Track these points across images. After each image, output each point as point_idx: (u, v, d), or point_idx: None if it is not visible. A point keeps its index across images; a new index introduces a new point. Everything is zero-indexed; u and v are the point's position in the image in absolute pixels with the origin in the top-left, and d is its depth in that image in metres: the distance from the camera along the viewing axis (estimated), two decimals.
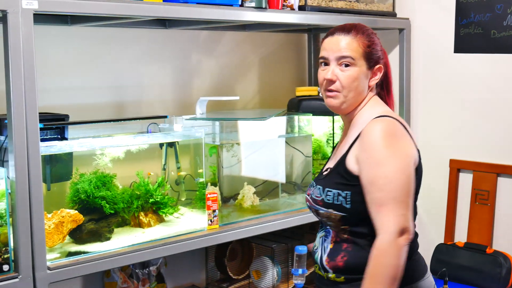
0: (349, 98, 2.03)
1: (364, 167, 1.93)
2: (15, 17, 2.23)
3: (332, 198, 1.98)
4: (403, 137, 1.96)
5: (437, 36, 3.73)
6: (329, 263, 2.03)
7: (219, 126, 3.16)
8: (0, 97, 2.37)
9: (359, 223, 1.97)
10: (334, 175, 2.02)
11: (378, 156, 1.90)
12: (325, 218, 2.03)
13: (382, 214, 1.88)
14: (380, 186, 1.88)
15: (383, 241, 1.88)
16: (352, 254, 1.99)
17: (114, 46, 3.28)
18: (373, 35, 2.08)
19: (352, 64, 2.01)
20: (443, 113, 3.73)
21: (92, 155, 2.83)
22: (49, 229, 2.57)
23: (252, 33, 3.80)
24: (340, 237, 2.03)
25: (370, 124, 1.96)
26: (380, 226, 1.89)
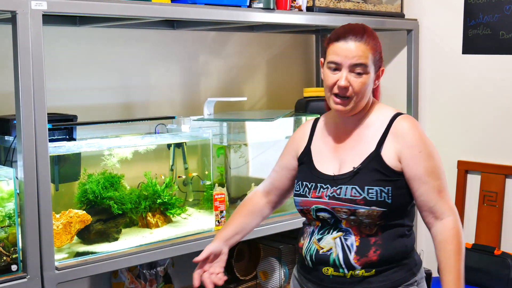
0: (358, 102, 2.05)
1: (416, 161, 2.02)
2: (24, 18, 2.24)
3: (375, 196, 2.00)
4: None
5: (445, 37, 3.72)
6: (360, 260, 2.01)
7: (226, 127, 3.17)
8: (9, 98, 2.38)
9: (396, 216, 2.04)
10: (369, 172, 2.03)
11: (427, 149, 2.03)
12: (364, 216, 2.00)
13: (444, 199, 2.05)
14: (437, 175, 2.03)
15: (456, 220, 2.04)
16: (384, 247, 2.02)
17: (122, 47, 3.29)
18: (377, 38, 2.10)
19: (365, 72, 2.01)
20: (451, 114, 3.72)
21: (100, 156, 2.83)
22: (57, 229, 2.58)
23: (260, 34, 3.80)
24: (365, 233, 2.03)
25: (401, 122, 2.06)
26: (446, 209, 2.04)
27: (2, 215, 2.38)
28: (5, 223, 2.39)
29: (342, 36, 2.04)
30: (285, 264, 3.52)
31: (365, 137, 2.08)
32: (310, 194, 2.10)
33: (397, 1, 3.76)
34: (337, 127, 2.15)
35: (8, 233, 2.39)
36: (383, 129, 2.06)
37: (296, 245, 2.31)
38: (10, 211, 2.38)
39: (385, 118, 2.07)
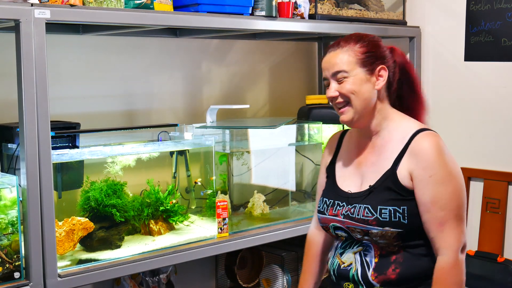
0: (358, 108, 2.00)
1: (424, 185, 1.92)
2: (28, 26, 2.25)
3: (388, 216, 1.93)
4: (448, 151, 1.98)
5: (448, 44, 3.72)
6: (377, 278, 1.97)
7: (229, 134, 3.17)
8: (12, 106, 2.39)
9: (414, 236, 1.96)
10: (383, 191, 1.97)
11: (438, 175, 1.91)
12: (378, 237, 1.96)
13: (445, 233, 1.91)
14: (442, 206, 1.91)
15: (449, 261, 1.91)
16: (405, 265, 1.96)
17: (125, 54, 3.30)
18: (371, 39, 2.05)
19: (346, 76, 1.99)
20: (453, 121, 3.72)
21: (103, 163, 2.84)
22: (60, 236, 2.58)
23: (262, 42, 3.81)
24: (386, 250, 1.98)
25: (420, 139, 1.96)
26: (444, 245, 1.92)
27: (5, 223, 2.38)
28: (8, 231, 2.39)
29: (326, 52, 2.08)
30: (288, 271, 3.52)
31: (385, 152, 2.01)
32: (328, 212, 2.08)
33: (399, 9, 3.77)
34: (360, 140, 2.11)
35: (11, 240, 2.40)
36: (402, 145, 1.98)
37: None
38: (13, 218, 2.39)
39: (407, 133, 1.99)
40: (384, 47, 2.07)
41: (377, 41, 2.07)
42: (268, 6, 2.96)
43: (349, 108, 2.01)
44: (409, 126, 2.01)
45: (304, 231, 3.19)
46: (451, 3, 3.68)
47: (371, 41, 2.04)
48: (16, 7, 2.22)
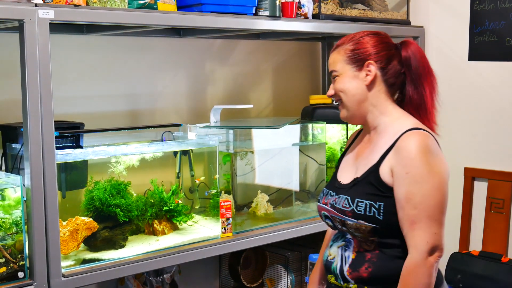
0: (348, 105, 2.03)
1: (401, 182, 1.90)
2: (32, 26, 2.25)
3: (363, 209, 1.94)
4: (438, 152, 1.95)
5: (452, 44, 3.72)
6: (352, 274, 1.99)
7: (233, 134, 3.17)
8: (17, 105, 2.40)
9: (390, 234, 1.95)
10: (364, 185, 1.98)
11: (415, 172, 1.88)
12: (353, 229, 1.98)
13: (415, 232, 1.89)
14: (415, 204, 1.88)
15: (415, 260, 1.88)
16: (378, 265, 1.96)
17: (128, 54, 3.30)
18: (362, 38, 2.05)
19: (337, 75, 2.04)
20: (458, 121, 3.71)
21: (106, 163, 2.84)
22: (64, 236, 2.59)
23: (266, 42, 3.81)
24: (363, 247, 1.99)
25: (407, 137, 1.93)
26: (412, 244, 1.89)
27: (9, 222, 2.39)
28: (12, 230, 2.40)
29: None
30: (292, 271, 3.52)
31: (377, 147, 2.01)
32: (321, 200, 2.12)
33: (403, 8, 3.76)
34: (364, 135, 2.13)
35: (15, 240, 2.40)
36: (391, 142, 1.96)
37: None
38: (17, 218, 2.39)
39: (399, 131, 1.97)
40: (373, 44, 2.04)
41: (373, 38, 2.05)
42: (272, 6, 2.97)
43: (343, 105, 2.06)
44: (403, 124, 1.99)
45: (308, 231, 3.20)
46: (455, 3, 3.68)
47: (363, 37, 2.05)
48: (20, 7, 2.23)
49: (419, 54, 2.06)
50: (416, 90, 2.04)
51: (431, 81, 2.07)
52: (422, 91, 2.04)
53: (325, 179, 3.39)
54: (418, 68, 2.04)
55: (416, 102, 2.04)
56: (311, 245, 3.66)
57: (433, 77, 2.08)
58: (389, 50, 2.04)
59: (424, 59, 2.06)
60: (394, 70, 2.03)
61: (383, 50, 2.03)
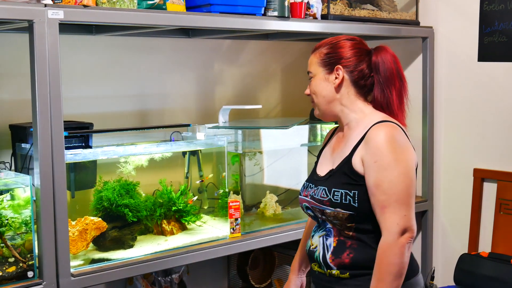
0: (320, 103, 2.19)
1: (370, 171, 2.03)
2: (41, 27, 2.26)
3: (339, 198, 2.07)
4: (405, 142, 2.07)
5: (461, 45, 3.70)
6: (334, 261, 2.10)
7: (241, 135, 3.17)
8: (26, 106, 2.41)
9: (366, 220, 2.07)
10: (339, 175, 2.10)
11: (383, 161, 2.01)
12: (332, 217, 2.10)
13: (386, 215, 2.01)
14: (384, 190, 2.00)
15: (387, 241, 2.00)
16: (358, 251, 2.08)
17: (137, 55, 3.31)
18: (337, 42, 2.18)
19: (312, 77, 2.21)
20: (467, 122, 3.70)
21: (115, 163, 2.85)
22: (73, 236, 2.60)
23: (274, 42, 3.81)
24: (343, 235, 2.11)
25: (375, 129, 2.06)
26: (384, 227, 2.02)
27: (19, 222, 2.40)
28: (22, 230, 2.41)
29: None
30: None
31: (349, 140, 2.14)
32: (302, 193, 2.25)
33: (412, 9, 3.75)
34: (339, 131, 2.26)
35: (24, 239, 2.41)
36: (362, 134, 2.09)
37: None
38: (26, 218, 2.40)
39: (369, 124, 2.09)
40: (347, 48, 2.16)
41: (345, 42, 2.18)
42: (281, 6, 2.97)
43: (315, 104, 2.22)
44: (372, 118, 2.11)
45: None
46: (464, 3, 3.67)
47: (337, 43, 2.18)
48: (29, 8, 2.24)
49: (389, 60, 2.16)
50: (383, 93, 2.15)
51: (400, 85, 2.17)
52: (388, 94, 2.15)
53: None
54: (386, 72, 2.14)
55: (382, 104, 2.16)
56: None
57: (403, 81, 2.18)
58: (360, 56, 2.16)
59: (394, 65, 2.16)
60: (362, 73, 2.15)
61: (354, 56, 2.15)
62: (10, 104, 2.89)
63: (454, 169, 3.76)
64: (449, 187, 3.79)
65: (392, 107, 2.15)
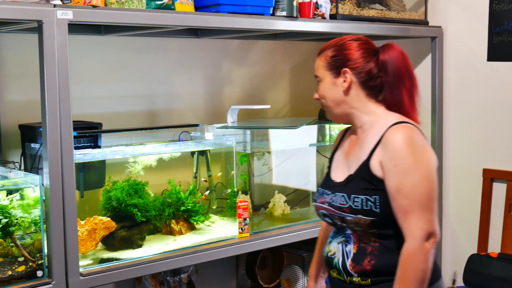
0: (330, 107, 2.15)
1: (390, 175, 1.97)
2: (50, 27, 2.27)
3: (360, 204, 2.01)
4: (424, 144, 2.01)
5: (470, 44, 3.69)
6: (355, 268, 2.04)
7: (250, 135, 3.17)
8: (35, 106, 2.42)
9: (387, 225, 2.00)
10: (358, 181, 2.04)
11: (403, 164, 1.95)
12: (353, 224, 2.04)
13: (409, 221, 1.94)
14: (406, 194, 1.94)
15: (411, 247, 1.94)
16: (379, 258, 2.02)
17: (146, 55, 3.32)
18: (343, 44, 2.13)
19: (319, 81, 2.16)
20: (476, 122, 3.69)
21: (124, 163, 2.86)
22: (82, 235, 2.60)
23: (283, 42, 3.81)
24: (363, 241, 2.05)
25: (392, 131, 2.00)
26: (407, 232, 1.95)
27: (28, 222, 2.40)
28: (31, 229, 2.42)
29: None
30: None
31: (365, 144, 2.08)
32: (318, 200, 2.19)
33: (421, 8, 3.74)
34: (352, 134, 2.20)
35: (34, 239, 2.42)
36: (378, 137, 2.03)
37: None
38: (36, 217, 2.41)
39: (384, 126, 2.03)
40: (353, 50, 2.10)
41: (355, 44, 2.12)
42: (289, 6, 2.96)
43: (325, 109, 2.18)
44: (388, 120, 2.05)
45: None
46: (473, 2, 3.65)
47: (342, 44, 2.13)
48: (39, 8, 2.25)
49: (397, 58, 2.10)
50: (393, 94, 2.09)
51: (410, 84, 2.11)
52: (398, 94, 2.09)
53: None
54: (395, 71, 2.08)
55: (393, 104, 2.10)
56: None
57: (412, 80, 2.12)
58: (367, 56, 2.09)
59: (403, 63, 2.10)
60: (371, 74, 2.09)
61: (361, 56, 2.09)
62: (19, 104, 2.91)
63: (463, 169, 3.74)
64: (458, 187, 3.77)
65: (404, 107, 2.09)
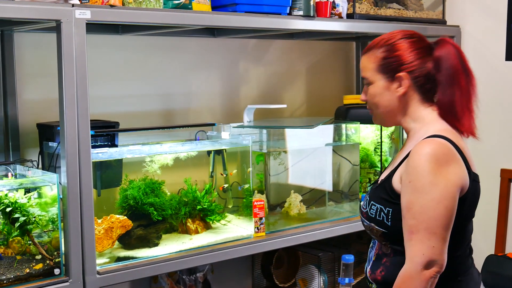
0: (380, 113, 2.01)
1: (404, 190, 1.85)
2: (69, 26, 2.28)
3: (374, 213, 1.94)
4: (451, 162, 1.84)
5: (488, 44, 3.67)
6: (371, 275, 2.01)
7: (266, 134, 3.17)
8: (53, 105, 2.43)
9: (399, 241, 1.90)
10: (380, 189, 1.96)
11: (417, 181, 1.81)
12: (369, 231, 2.01)
13: (412, 242, 1.83)
14: (414, 214, 1.81)
15: (409, 270, 1.83)
16: (390, 270, 1.95)
17: (163, 54, 3.32)
18: (395, 43, 1.95)
19: (369, 83, 1.99)
20: (494, 122, 3.66)
21: (141, 162, 2.87)
22: (99, 234, 2.62)
23: (300, 41, 3.81)
24: (382, 251, 1.99)
25: (420, 145, 1.86)
26: (408, 254, 1.84)
27: (46, 220, 2.42)
28: (49, 228, 2.43)
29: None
30: (325, 272, 3.51)
31: (402, 153, 1.98)
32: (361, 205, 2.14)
33: (438, 8, 3.72)
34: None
35: (51, 237, 2.44)
36: (411, 148, 1.90)
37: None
38: (53, 215, 2.43)
39: (421, 137, 1.90)
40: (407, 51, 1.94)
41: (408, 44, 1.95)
42: (306, 5, 2.96)
43: (373, 112, 2.04)
44: (428, 130, 1.91)
45: (341, 232, 3.19)
46: (491, 1, 3.63)
47: (393, 45, 1.95)
48: (57, 8, 2.26)
49: (453, 54, 1.93)
50: (445, 94, 1.93)
51: (467, 83, 1.94)
52: (450, 94, 1.92)
53: (358, 179, 3.37)
54: (449, 69, 1.92)
55: (445, 106, 1.94)
56: (344, 245, 3.65)
57: (470, 78, 1.95)
58: (422, 56, 1.94)
59: (459, 60, 1.93)
60: (428, 76, 1.93)
61: (416, 58, 1.93)
62: (37, 104, 2.93)
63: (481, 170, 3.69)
64: None
65: (455, 110, 1.92)
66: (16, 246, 2.41)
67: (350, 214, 3.28)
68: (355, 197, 3.35)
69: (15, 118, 2.83)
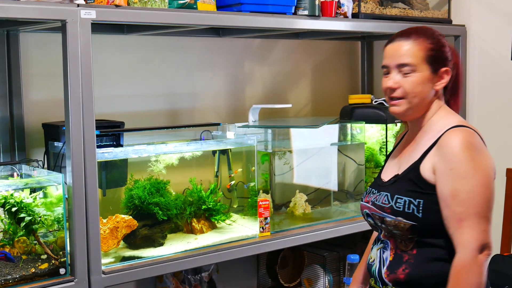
0: (414, 104, 1.98)
1: (445, 179, 1.87)
2: (74, 26, 2.28)
3: (402, 206, 1.92)
4: (483, 149, 1.92)
5: (494, 43, 3.66)
6: (389, 276, 1.96)
7: (271, 134, 3.17)
8: (59, 105, 2.44)
9: (428, 233, 1.91)
10: (405, 181, 1.96)
11: (461, 169, 1.84)
12: (392, 227, 1.96)
13: (463, 229, 1.83)
14: (462, 201, 1.83)
15: (465, 258, 1.83)
16: (414, 267, 1.93)
17: (168, 54, 3.33)
18: (439, 36, 2.02)
19: (413, 71, 1.96)
20: (499, 122, 3.65)
21: (146, 162, 2.87)
22: (104, 234, 2.62)
23: (305, 41, 3.80)
24: (400, 249, 1.97)
25: (450, 134, 1.90)
26: (460, 242, 1.84)
27: (51, 219, 2.43)
28: (54, 227, 2.44)
29: (391, 40, 2.03)
30: (330, 271, 3.51)
31: (420, 144, 1.99)
32: (364, 198, 2.12)
33: (444, 7, 3.72)
34: (410, 133, 2.10)
35: (56, 237, 2.44)
36: (434, 139, 1.94)
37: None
38: (58, 215, 2.43)
39: (443, 128, 1.94)
40: (448, 47, 2.03)
41: (445, 40, 2.04)
42: (311, 5, 2.96)
43: (404, 101, 1.98)
44: (447, 122, 1.96)
45: (346, 231, 3.19)
46: (497, 1, 3.62)
47: (441, 38, 2.02)
48: (62, 8, 2.27)
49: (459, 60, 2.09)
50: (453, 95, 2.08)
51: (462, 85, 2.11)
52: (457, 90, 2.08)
53: (364, 179, 3.37)
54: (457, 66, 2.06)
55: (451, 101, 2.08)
56: (349, 245, 3.64)
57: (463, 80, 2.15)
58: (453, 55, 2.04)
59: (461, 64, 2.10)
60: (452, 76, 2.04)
61: (452, 57, 2.03)
62: (43, 103, 2.93)
63: None
64: None
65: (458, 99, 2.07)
66: (21, 246, 2.42)
67: (355, 214, 3.27)
68: (360, 197, 3.35)
69: (21, 118, 2.84)
